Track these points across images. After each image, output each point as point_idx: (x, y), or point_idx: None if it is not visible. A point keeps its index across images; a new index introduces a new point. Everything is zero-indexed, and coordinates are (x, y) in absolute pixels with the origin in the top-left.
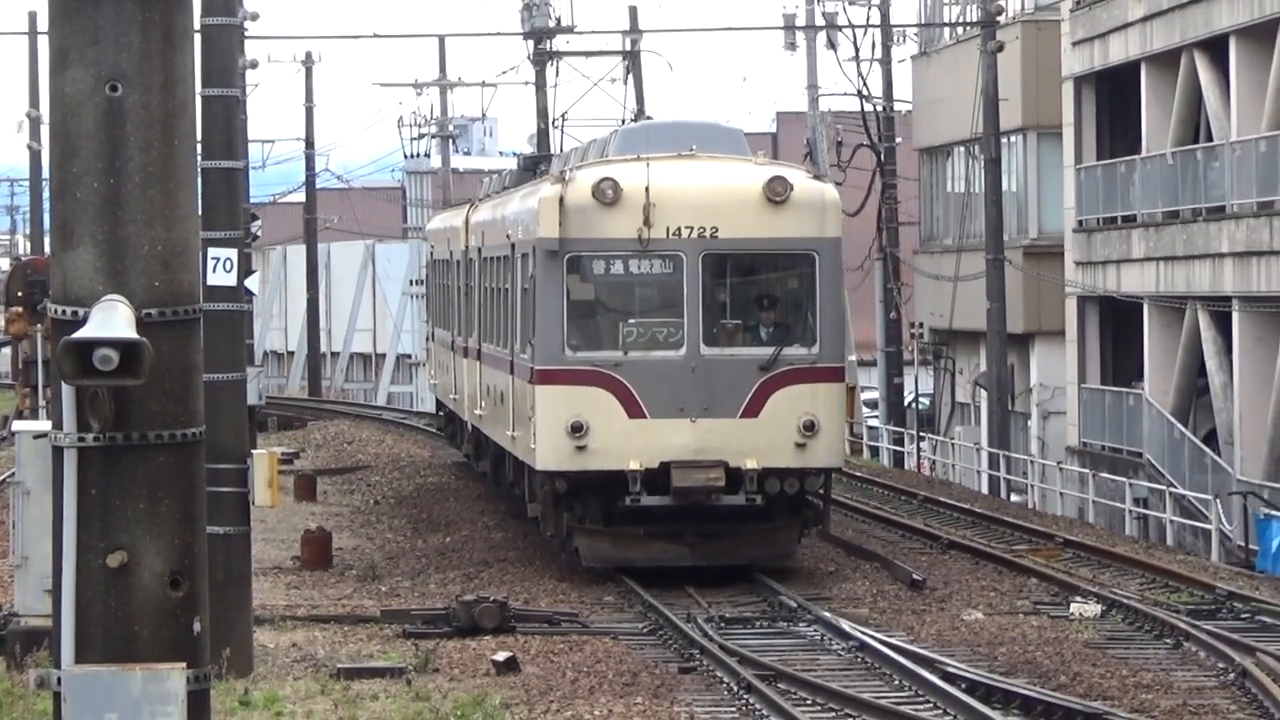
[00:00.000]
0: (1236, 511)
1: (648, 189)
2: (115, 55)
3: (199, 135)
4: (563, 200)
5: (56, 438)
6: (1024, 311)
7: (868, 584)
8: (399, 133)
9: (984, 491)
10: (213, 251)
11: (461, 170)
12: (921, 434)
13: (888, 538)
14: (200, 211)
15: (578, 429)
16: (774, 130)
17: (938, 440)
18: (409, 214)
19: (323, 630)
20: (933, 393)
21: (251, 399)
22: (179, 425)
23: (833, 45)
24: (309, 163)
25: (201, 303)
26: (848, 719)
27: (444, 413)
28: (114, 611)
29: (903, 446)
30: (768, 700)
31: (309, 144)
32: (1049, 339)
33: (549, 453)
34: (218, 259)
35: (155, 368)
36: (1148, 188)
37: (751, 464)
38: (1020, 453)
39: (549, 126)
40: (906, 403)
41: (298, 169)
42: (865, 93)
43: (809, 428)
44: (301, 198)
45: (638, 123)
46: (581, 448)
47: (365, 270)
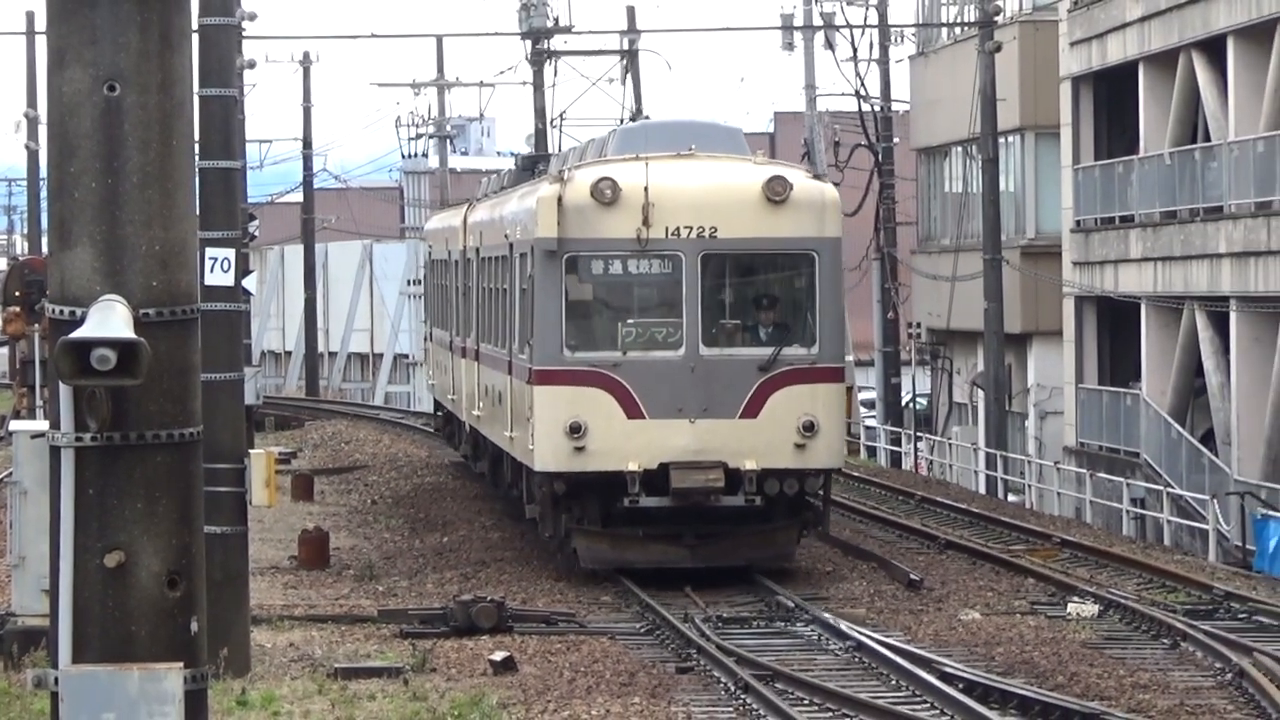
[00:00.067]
0: (1234, 511)
1: (646, 189)
2: (113, 55)
3: (197, 135)
4: (561, 200)
5: (54, 437)
6: (1021, 311)
7: (865, 584)
8: (396, 133)
9: (981, 491)
10: (210, 251)
11: (459, 170)
12: (919, 434)
13: (885, 538)
14: (198, 211)
15: (576, 430)
16: (771, 130)
17: (935, 440)
18: (406, 214)
19: (320, 630)
20: (930, 393)
21: (249, 399)
22: (176, 425)
23: (830, 45)
24: (306, 163)
25: (199, 303)
26: (845, 719)
27: (442, 413)
28: (111, 611)
29: (900, 446)
30: (765, 700)
31: (306, 144)
32: (1046, 339)
33: (547, 453)
34: (215, 259)
35: (153, 368)
36: (1145, 188)
37: (751, 465)
38: (1018, 453)
39: (547, 126)
40: (904, 403)
41: (295, 169)
42: (863, 93)
43: (808, 428)
44: (299, 198)
45: (636, 122)
46: (580, 448)
47: (363, 270)
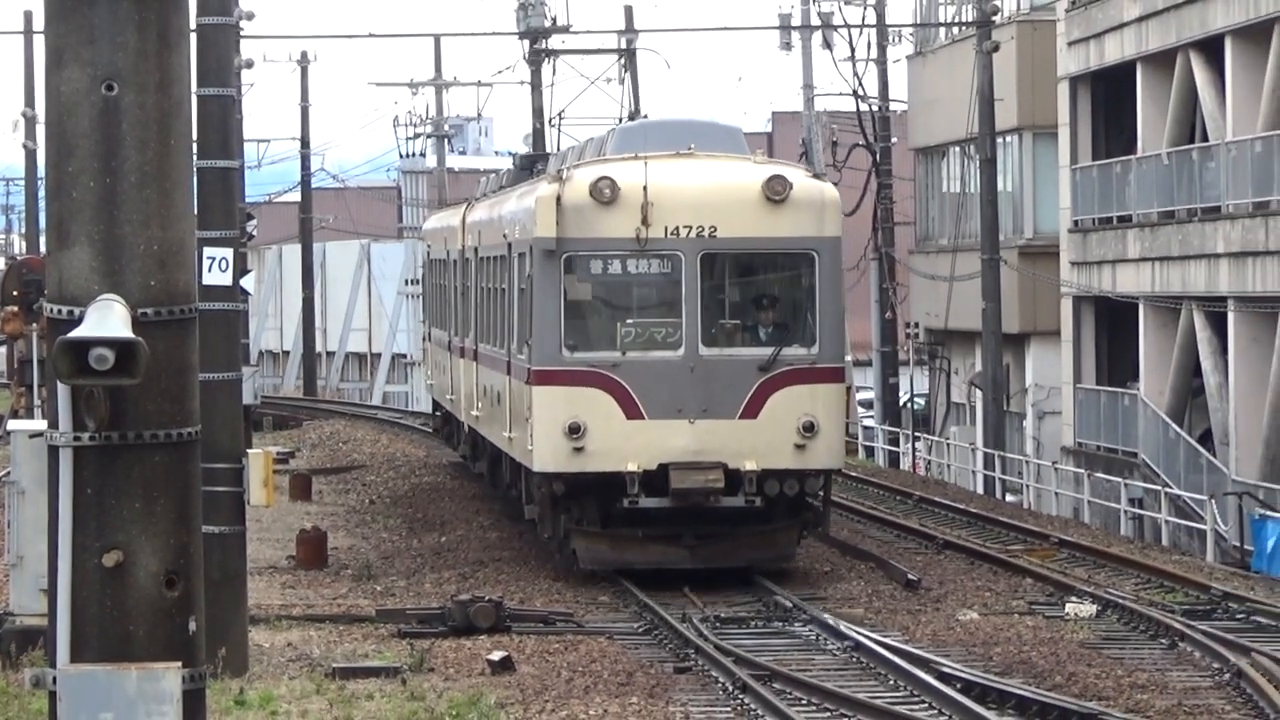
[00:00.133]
0: (1232, 512)
1: (645, 188)
2: (111, 55)
3: (195, 135)
4: (560, 199)
5: (52, 437)
6: (1019, 311)
7: (863, 584)
8: (394, 132)
9: (979, 492)
10: (208, 251)
11: (457, 170)
12: (917, 434)
13: (883, 538)
14: (196, 211)
15: (575, 430)
16: (769, 130)
17: (933, 440)
18: (404, 213)
19: (318, 630)
20: (928, 393)
21: (247, 398)
22: (174, 425)
23: (828, 45)
24: (304, 162)
25: (197, 302)
26: (843, 719)
27: (440, 413)
28: (109, 611)
29: (898, 446)
30: (763, 700)
31: (304, 143)
32: (1044, 339)
33: (546, 454)
34: (213, 258)
35: (151, 367)
36: (1143, 188)
37: (750, 465)
38: (1015, 453)
39: (545, 126)
40: (902, 403)
41: (293, 168)
42: (861, 92)
43: (808, 429)
44: (297, 197)
45: (635, 121)
46: (579, 449)
47: (360, 270)
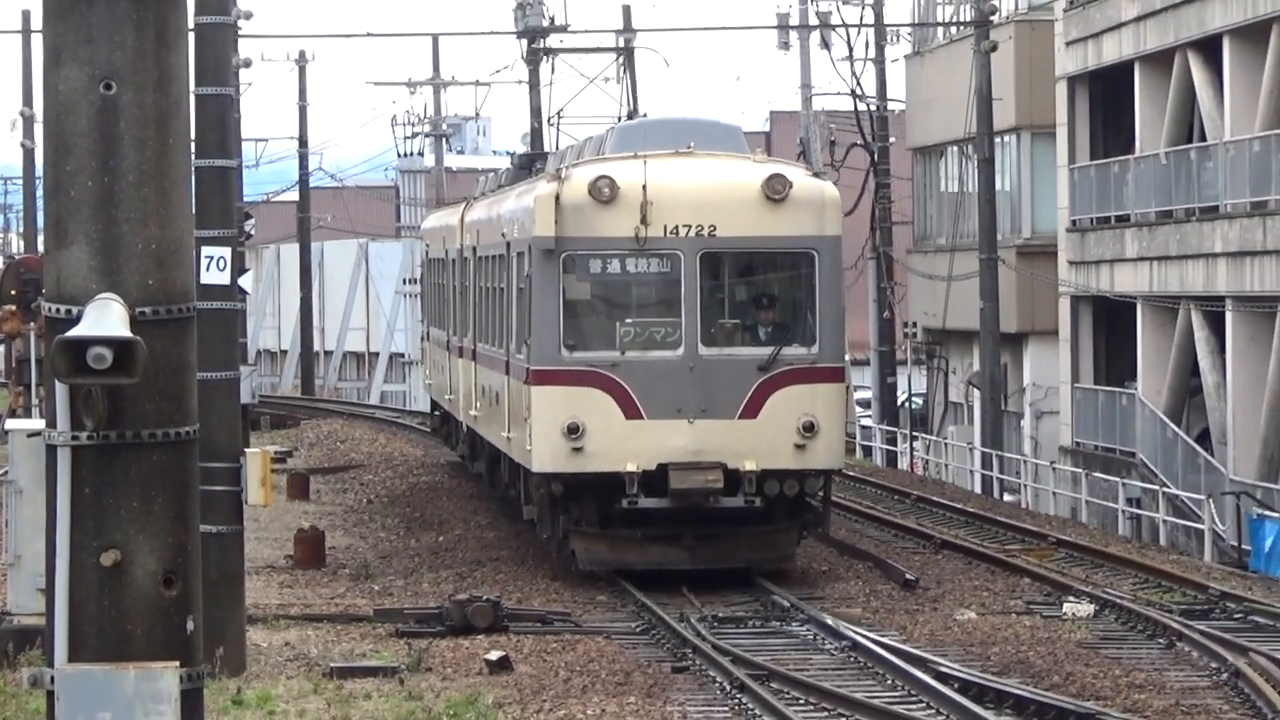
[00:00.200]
0: (1229, 511)
1: (645, 187)
2: (109, 54)
3: (193, 134)
4: (559, 198)
5: (50, 436)
6: (1017, 311)
7: (861, 584)
8: (392, 132)
9: (977, 491)
10: (206, 250)
11: (455, 169)
12: (914, 434)
13: (881, 537)
14: (194, 210)
15: (574, 430)
16: (767, 130)
17: (931, 440)
18: (402, 213)
19: (316, 629)
20: (926, 392)
21: (245, 398)
22: (172, 424)
23: (826, 45)
24: (302, 161)
25: (195, 301)
26: (840, 719)
27: (439, 413)
28: (107, 610)
29: (896, 446)
30: (760, 700)
31: (302, 143)
32: (1042, 338)
33: (545, 454)
34: (211, 257)
35: (149, 366)
36: (1141, 187)
37: (750, 465)
38: (1013, 452)
39: (543, 125)
40: (900, 402)
41: (291, 168)
42: (859, 92)
43: (808, 429)
44: (295, 196)
45: (634, 120)
46: (578, 449)
47: (358, 269)
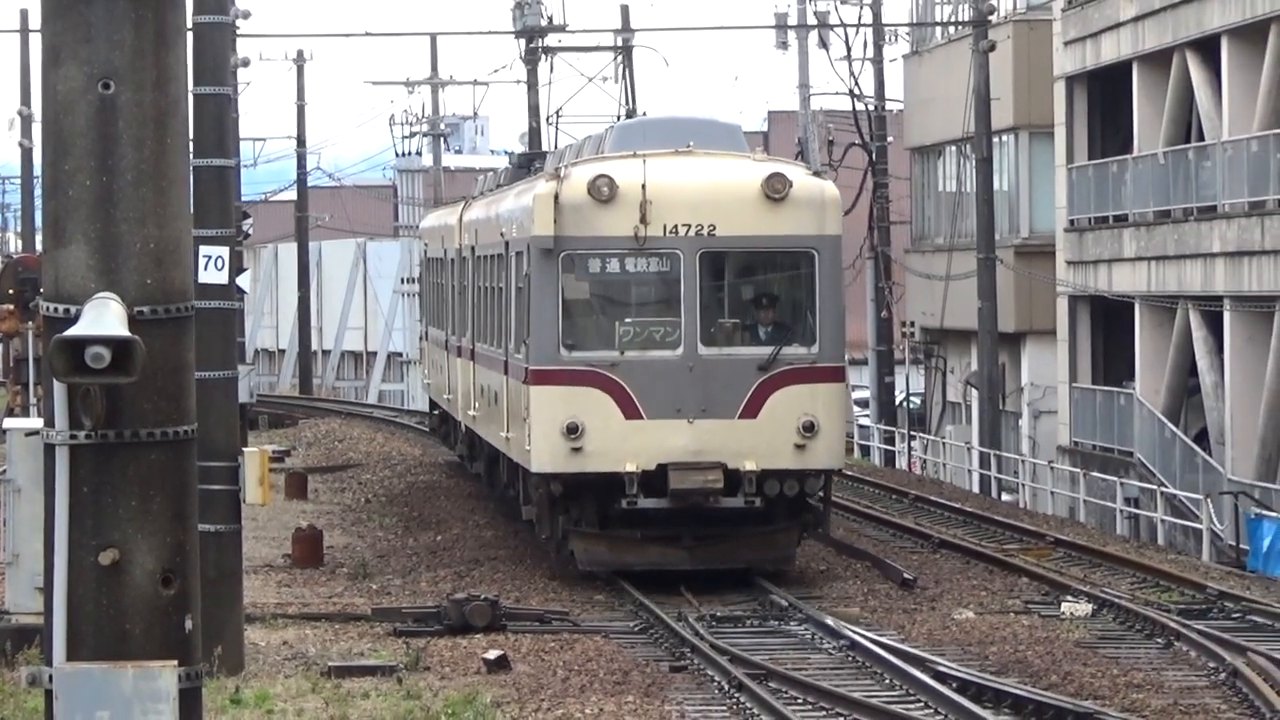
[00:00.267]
0: (1227, 511)
1: (644, 186)
2: (108, 53)
3: (191, 133)
4: (558, 197)
5: (48, 435)
6: (1015, 311)
7: (859, 583)
8: (390, 131)
9: (975, 491)
10: (204, 249)
11: (453, 169)
12: (912, 433)
13: (879, 537)
14: (192, 209)
15: (573, 430)
16: (765, 129)
17: (929, 439)
18: (400, 212)
19: (314, 628)
20: (924, 392)
21: (243, 397)
22: (171, 423)
23: (824, 44)
24: (300, 161)
25: (193, 300)
26: (838, 718)
27: (437, 413)
28: (106, 609)
29: (894, 445)
30: (758, 699)
31: (300, 142)
32: (1040, 338)
33: (544, 454)
34: (209, 257)
35: (147, 365)
36: (1139, 187)
37: (750, 465)
38: (1011, 452)
39: (541, 124)
40: (897, 402)
41: (289, 167)
42: (857, 92)
43: (808, 428)
44: (293, 196)
45: (633, 119)
46: (577, 449)
47: (356, 268)
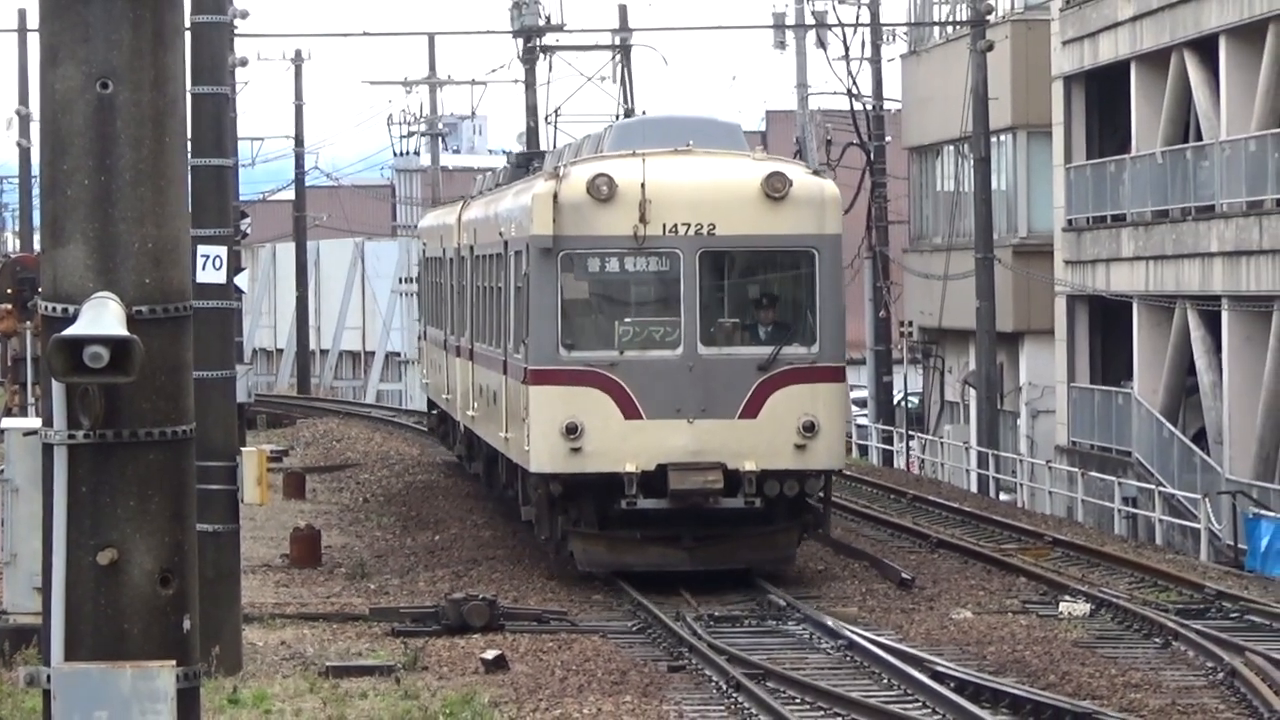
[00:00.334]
0: (1225, 511)
1: (643, 185)
2: (106, 53)
3: (189, 133)
4: (557, 197)
5: (46, 435)
6: (1013, 310)
7: (857, 583)
8: (388, 131)
9: (973, 490)
10: (202, 249)
11: (451, 168)
12: (910, 433)
13: (877, 536)
14: (190, 209)
15: (572, 430)
16: (763, 129)
17: (927, 439)
18: (398, 212)
19: (311, 628)
20: (922, 391)
21: (241, 397)
22: (169, 423)
23: (822, 44)
24: (298, 160)
25: (191, 300)
26: (837, 718)
27: (436, 413)
28: (104, 609)
29: (892, 445)
30: (756, 699)
31: (298, 142)
32: (1038, 338)
33: (543, 454)
34: (207, 256)
35: (145, 365)
36: (1137, 187)
37: (750, 466)
38: (1009, 452)
39: (539, 124)
40: (896, 401)
41: (287, 167)
42: (855, 91)
43: (809, 428)
44: (291, 195)
45: (633, 118)
46: (576, 449)
47: (354, 268)
